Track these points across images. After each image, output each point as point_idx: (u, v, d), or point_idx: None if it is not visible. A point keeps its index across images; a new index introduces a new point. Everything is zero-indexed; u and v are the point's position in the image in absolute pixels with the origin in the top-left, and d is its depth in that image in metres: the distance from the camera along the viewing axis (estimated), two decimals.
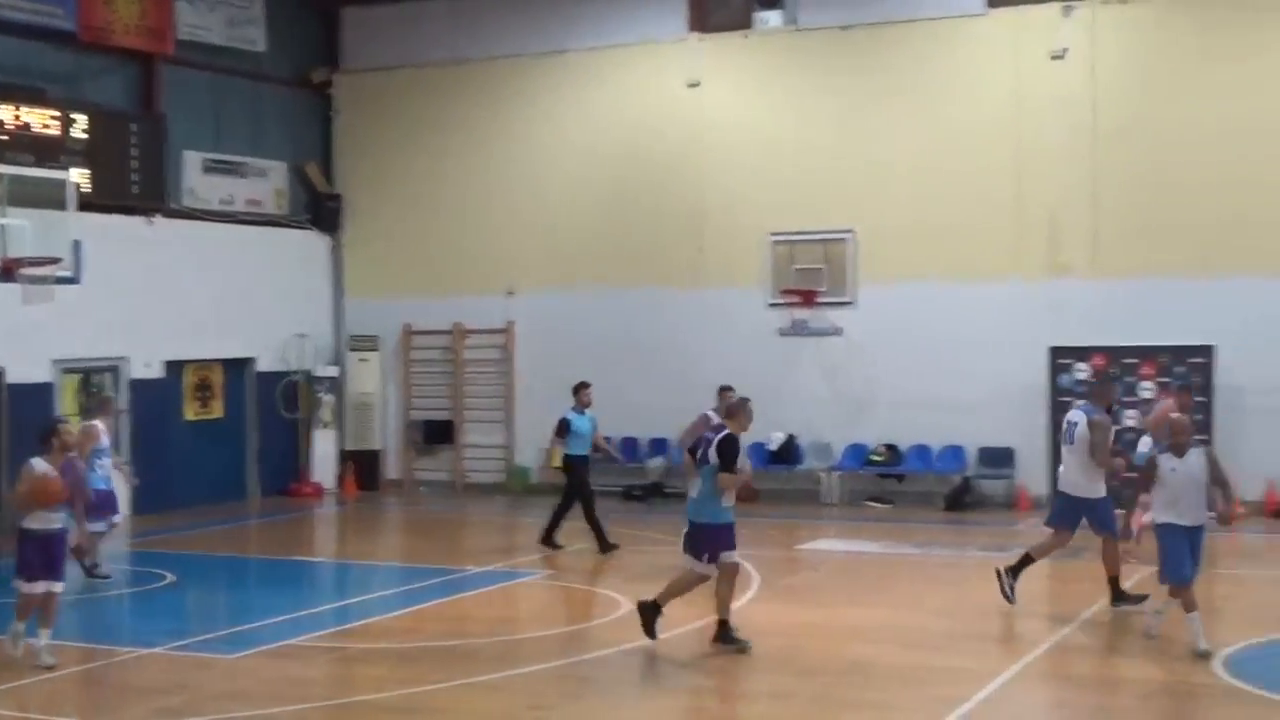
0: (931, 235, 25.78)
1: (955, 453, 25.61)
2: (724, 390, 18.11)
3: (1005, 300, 25.30)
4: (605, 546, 20.24)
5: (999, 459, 25.58)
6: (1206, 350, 24.05)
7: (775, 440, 26.35)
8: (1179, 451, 13.50)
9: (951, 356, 25.15)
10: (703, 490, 13.77)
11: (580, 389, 21.04)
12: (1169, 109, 24.66)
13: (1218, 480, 13.61)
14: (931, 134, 25.99)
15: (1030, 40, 25.36)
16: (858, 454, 26.06)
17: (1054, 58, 25.18)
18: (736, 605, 14.43)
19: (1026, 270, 25.27)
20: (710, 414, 17.15)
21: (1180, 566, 13.29)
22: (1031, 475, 25.10)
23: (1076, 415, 15.92)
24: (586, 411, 20.98)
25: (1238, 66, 24.35)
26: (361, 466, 29.42)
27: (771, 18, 27.19)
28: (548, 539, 20.65)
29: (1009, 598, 15.61)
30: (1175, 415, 14.21)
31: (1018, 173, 25.34)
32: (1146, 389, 24.36)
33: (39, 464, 13.47)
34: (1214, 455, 13.79)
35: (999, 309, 25.32)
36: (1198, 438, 14.29)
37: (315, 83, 30.27)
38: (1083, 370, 24.71)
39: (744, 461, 14.05)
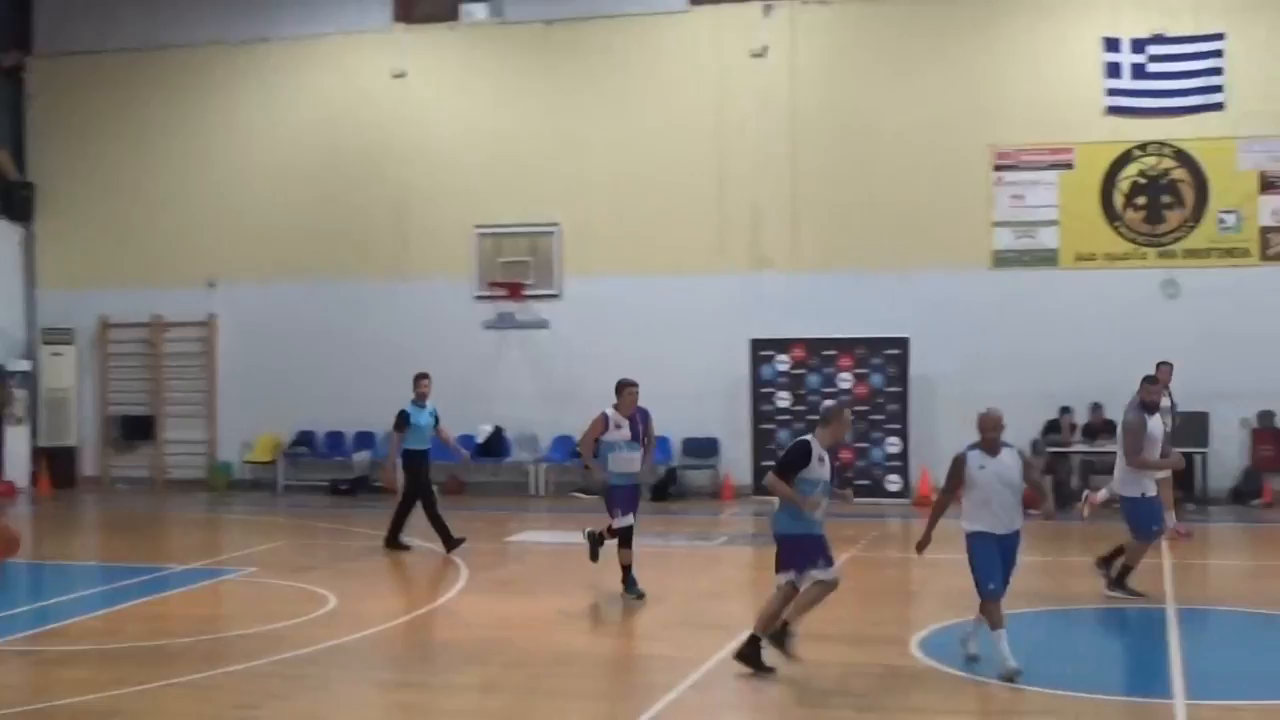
0: (636, 229, 26.11)
1: (660, 444, 25.91)
2: (626, 386, 15.72)
3: (708, 293, 25.76)
4: (450, 544, 19.21)
5: (703, 449, 26.03)
6: (901, 342, 24.83)
7: (483, 433, 26.37)
8: (990, 449, 12.29)
9: (656, 348, 25.50)
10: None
11: (419, 380, 19.83)
12: (865, 107, 25.45)
13: (1031, 482, 12.62)
14: (636, 129, 26.31)
15: (731, 38, 25.85)
16: (565, 446, 26.21)
17: (754, 56, 25.72)
18: (445, 598, 14.36)
19: (728, 264, 25.77)
20: (609, 413, 15.59)
21: (988, 579, 12.11)
22: (735, 465, 25.63)
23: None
24: (426, 404, 19.79)
25: (931, 67, 25.22)
26: (56, 463, 28.52)
27: (477, 10, 27.17)
28: (392, 541, 19.58)
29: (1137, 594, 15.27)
30: (986, 411, 12.44)
31: (720, 168, 25.82)
32: (845, 380, 25.06)
33: None
34: (1027, 457, 12.70)
35: (702, 301, 25.76)
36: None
37: (5, 67, 29.15)
38: (783, 362, 25.30)
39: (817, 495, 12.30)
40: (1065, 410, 24.25)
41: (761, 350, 25.49)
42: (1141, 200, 24.72)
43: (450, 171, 27.13)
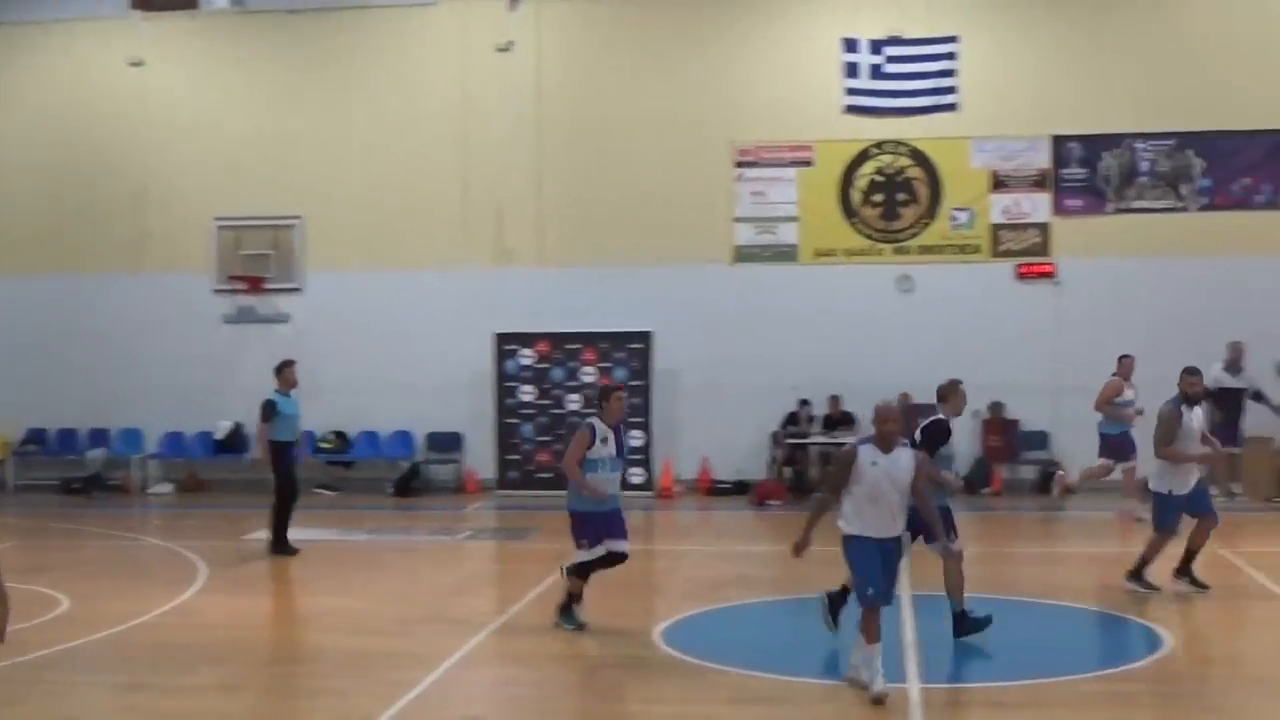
0: (380, 222, 25.90)
1: (404, 438, 25.80)
2: (613, 391, 13.80)
3: (452, 287, 25.66)
4: (281, 548, 18.51)
5: (447, 444, 25.93)
6: (645, 336, 25.05)
7: (221, 429, 25.88)
8: (885, 445, 11.22)
9: (400, 343, 25.34)
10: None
11: (284, 367, 19.10)
12: (610, 103, 25.61)
13: (925, 484, 11.53)
14: (381, 122, 26.09)
15: (477, 32, 25.77)
16: (306, 441, 25.83)
17: (500, 50, 25.68)
18: (183, 597, 14.06)
19: (473, 258, 25.71)
20: (596, 425, 13.54)
21: (869, 583, 11.18)
22: (479, 459, 25.59)
23: None
24: (292, 393, 19.03)
25: (674, 64, 25.49)
26: None
27: None
28: (276, 546, 18.64)
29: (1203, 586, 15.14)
30: (883, 403, 11.41)
31: (465, 162, 25.74)
32: (589, 374, 25.19)
33: None
34: (922, 460, 11.49)
35: (447, 296, 25.66)
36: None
37: None
38: (528, 356, 25.33)
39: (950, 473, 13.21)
40: (804, 403, 24.73)
41: (506, 344, 25.48)
42: (878, 198, 25.33)
43: (190, 162, 26.55)
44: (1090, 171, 24.83)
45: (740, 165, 25.44)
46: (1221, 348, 23.13)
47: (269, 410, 18.73)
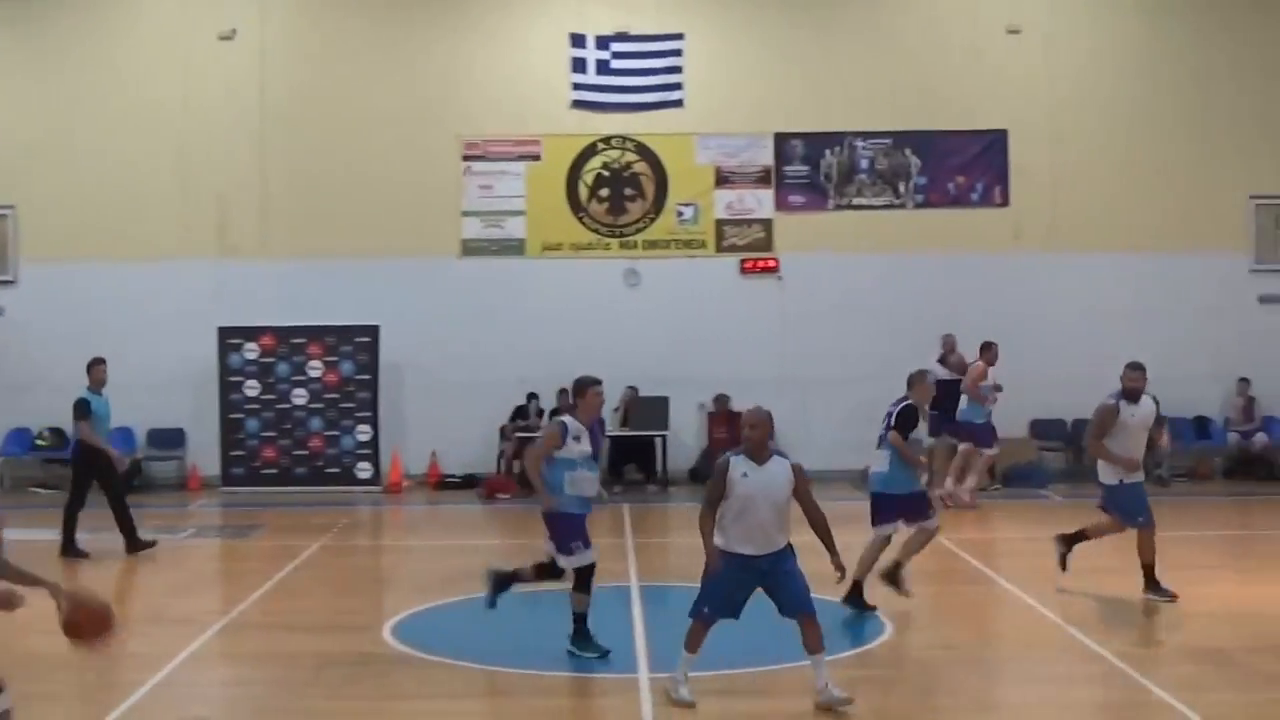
0: (98, 213, 25.16)
1: (124, 435, 25.08)
2: (588, 386, 12.44)
3: (174, 280, 25.08)
4: (69, 548, 17.57)
5: (169, 440, 25.35)
6: (372, 330, 24.82)
7: None
8: (757, 455, 10.68)
9: (120, 336, 24.56)
10: (892, 461, 13.93)
11: (94, 365, 18.15)
12: (337, 94, 25.34)
13: (807, 499, 10.90)
14: (98, 110, 25.36)
15: (199, 19, 25.24)
16: (22, 439, 25.03)
17: (223, 38, 25.17)
18: None
19: (195, 250, 25.17)
20: (568, 422, 12.25)
21: (704, 600, 10.79)
22: (203, 456, 25.04)
23: None
24: (103, 392, 18.18)
25: (402, 55, 25.34)
26: None
27: None
28: (132, 543, 17.72)
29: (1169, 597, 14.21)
30: (748, 412, 10.94)
31: (186, 153, 25.19)
32: (315, 368, 24.87)
33: None
34: (801, 473, 10.85)
35: (168, 289, 25.06)
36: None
37: None
38: (252, 350, 24.89)
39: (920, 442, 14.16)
40: (532, 396, 24.80)
41: (230, 339, 24.97)
42: (605, 192, 25.53)
43: None
44: (812, 169, 25.41)
45: (468, 158, 25.39)
46: (933, 341, 23.87)
47: (84, 409, 17.91)
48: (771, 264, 25.35)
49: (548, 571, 12.36)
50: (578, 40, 25.30)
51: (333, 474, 24.55)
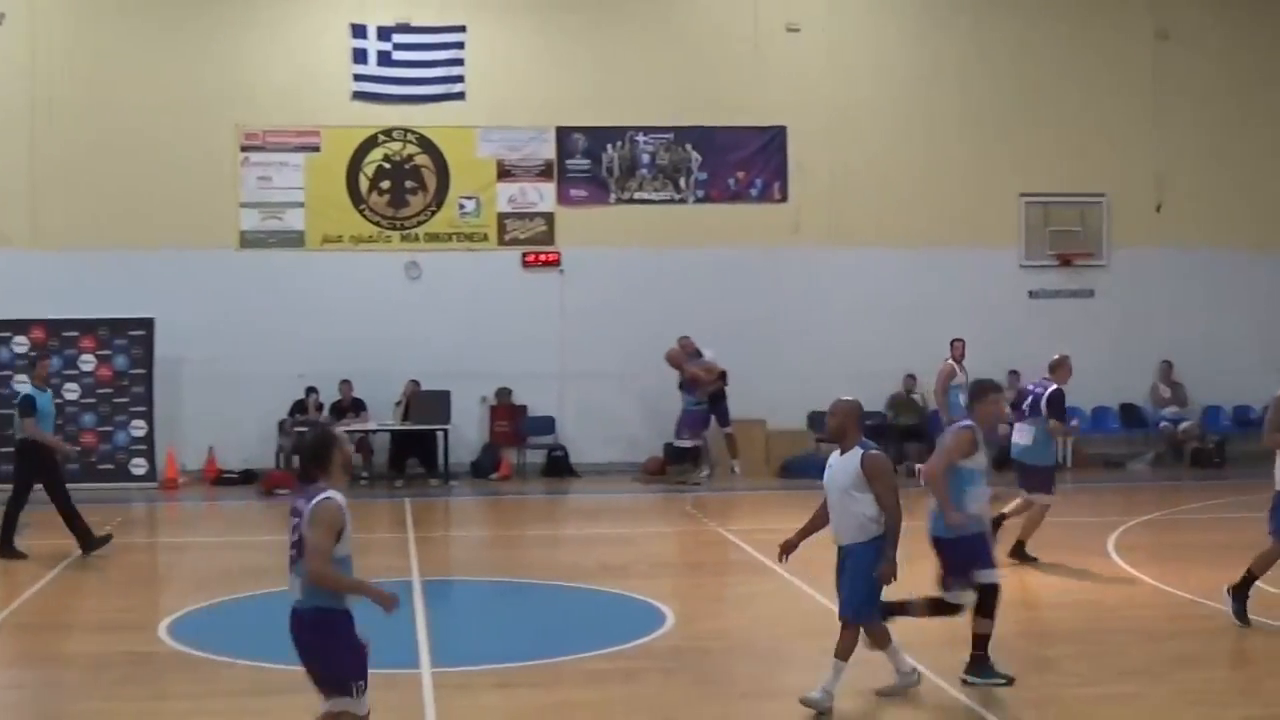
0: None
1: None
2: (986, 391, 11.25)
3: None
4: (6, 549, 16.81)
5: None
6: (146, 323, 24.29)
7: None
8: (839, 444, 10.49)
9: None
10: (1037, 437, 15.98)
11: (40, 360, 17.31)
12: (113, 82, 24.75)
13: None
14: None
15: None
16: None
17: None
18: None
19: None
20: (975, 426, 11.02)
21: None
22: None
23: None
24: (47, 388, 17.35)
25: (179, 43, 24.83)
26: None
27: None
28: (85, 543, 16.86)
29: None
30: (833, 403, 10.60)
31: None
32: (87, 362, 24.27)
33: None
34: (870, 461, 10.26)
35: None
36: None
37: None
38: (22, 343, 24.18)
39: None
40: (312, 390, 24.47)
41: None
42: (386, 185, 25.33)
43: None
44: (594, 163, 25.51)
45: (246, 149, 24.99)
46: (714, 334, 24.12)
47: (29, 406, 17.03)
48: (553, 258, 25.40)
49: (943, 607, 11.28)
50: (359, 31, 25.05)
51: (106, 471, 23.95)
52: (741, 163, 25.69)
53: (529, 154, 25.42)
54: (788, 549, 10.67)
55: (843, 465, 10.30)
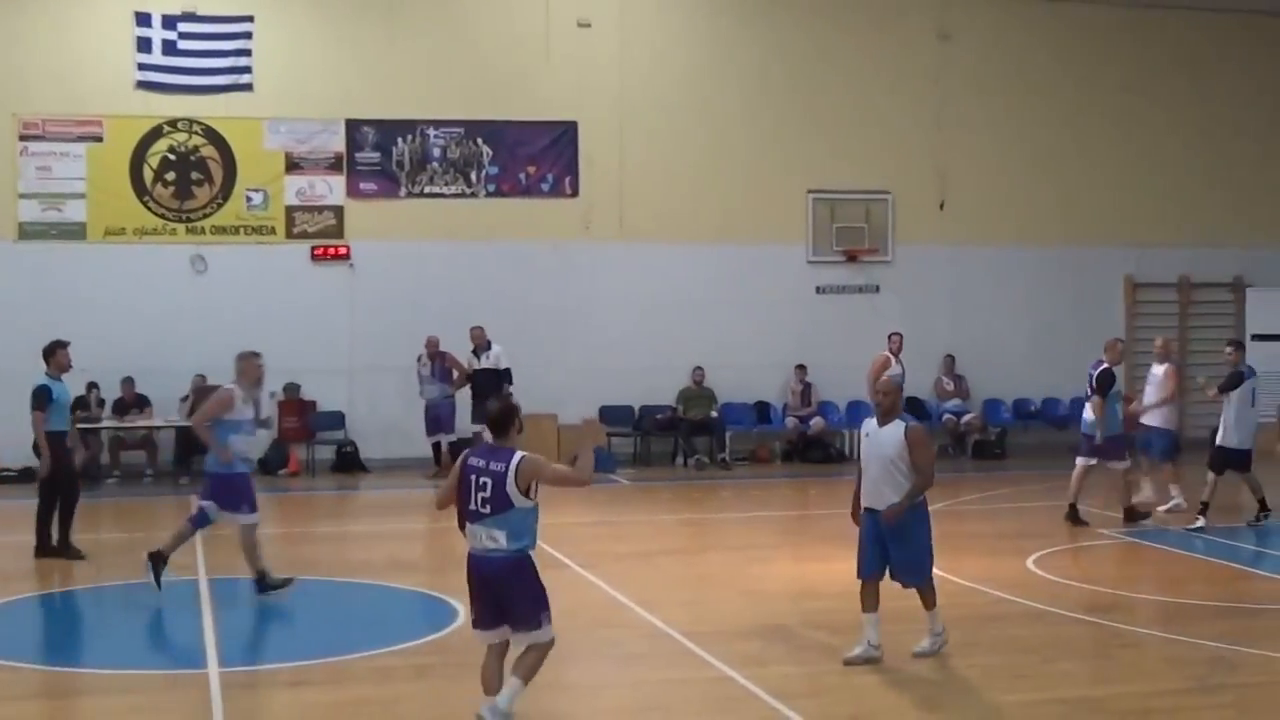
0: None
1: None
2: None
3: None
4: (62, 550, 16.11)
5: None
6: None
7: None
8: (882, 418, 11.70)
9: None
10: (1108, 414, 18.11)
11: (57, 348, 16.35)
12: None
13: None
14: None
15: None
16: None
17: None
18: None
19: None
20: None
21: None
22: None
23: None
24: (63, 377, 16.45)
25: None
26: None
27: None
28: (64, 548, 16.13)
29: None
30: (881, 380, 12.79)
31: None
32: None
33: None
34: (912, 432, 11.55)
35: None
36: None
37: None
38: None
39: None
40: (93, 386, 23.89)
41: None
42: (171, 176, 24.83)
43: None
44: (384, 156, 25.31)
45: (25, 138, 24.30)
46: (507, 328, 24.10)
47: (43, 397, 16.23)
48: (343, 251, 25.14)
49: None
50: (143, 19, 24.51)
51: None
52: (532, 157, 25.70)
53: (318, 146, 25.14)
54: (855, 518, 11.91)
55: (887, 436, 11.44)
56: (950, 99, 26.99)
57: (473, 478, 9.36)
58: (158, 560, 13.96)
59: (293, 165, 25.08)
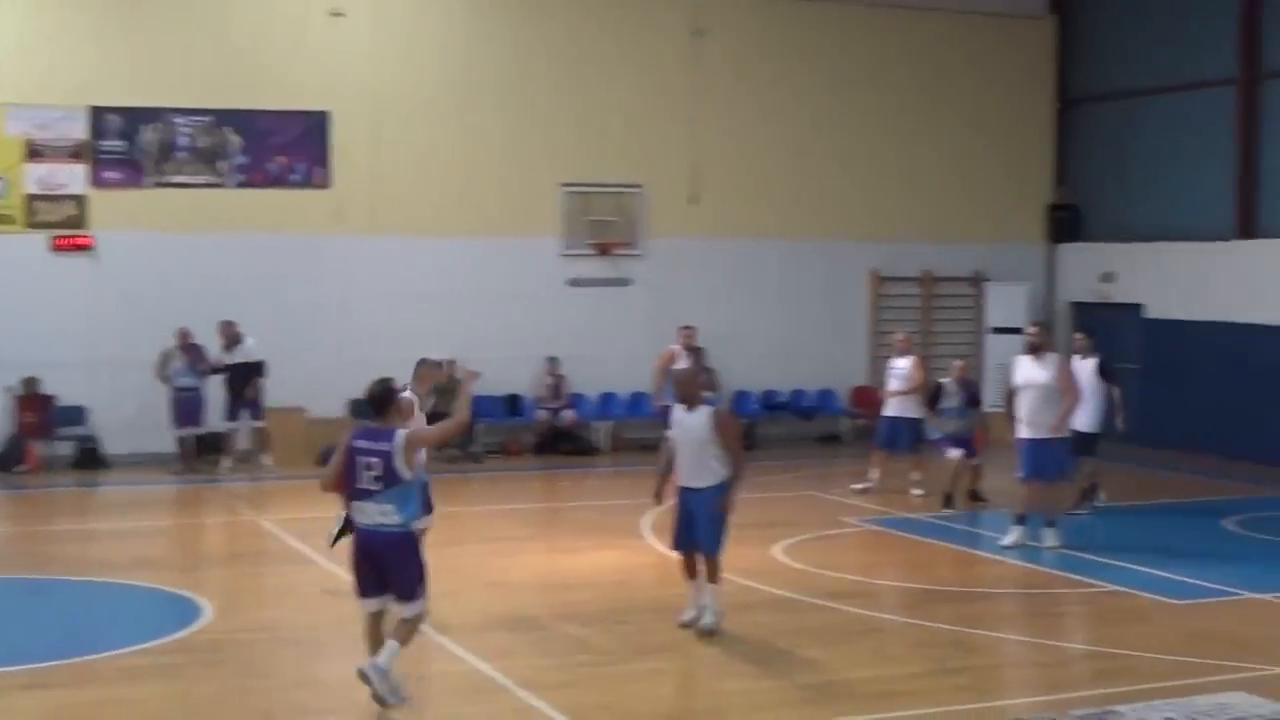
0: None
1: None
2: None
3: None
4: None
5: None
6: None
7: None
8: (689, 404, 12.66)
9: None
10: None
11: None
12: None
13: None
14: None
15: None
16: None
17: None
18: None
19: None
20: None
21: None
22: None
23: None
24: None
25: None
26: None
27: None
28: None
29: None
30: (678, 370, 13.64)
31: None
32: None
33: None
34: (718, 415, 12.69)
35: None
36: None
37: None
38: None
39: None
40: None
41: None
42: None
43: None
44: (129, 144, 24.68)
45: None
46: (257, 320, 23.75)
47: None
48: (86, 241, 24.46)
49: None
50: None
51: None
52: (283, 148, 25.28)
53: (60, 134, 24.40)
54: (659, 497, 12.93)
55: (695, 421, 12.35)
56: (703, 94, 27.29)
57: (359, 458, 10.12)
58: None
59: (33, 153, 24.29)
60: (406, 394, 13.34)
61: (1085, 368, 18.98)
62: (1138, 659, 12.03)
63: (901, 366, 20.74)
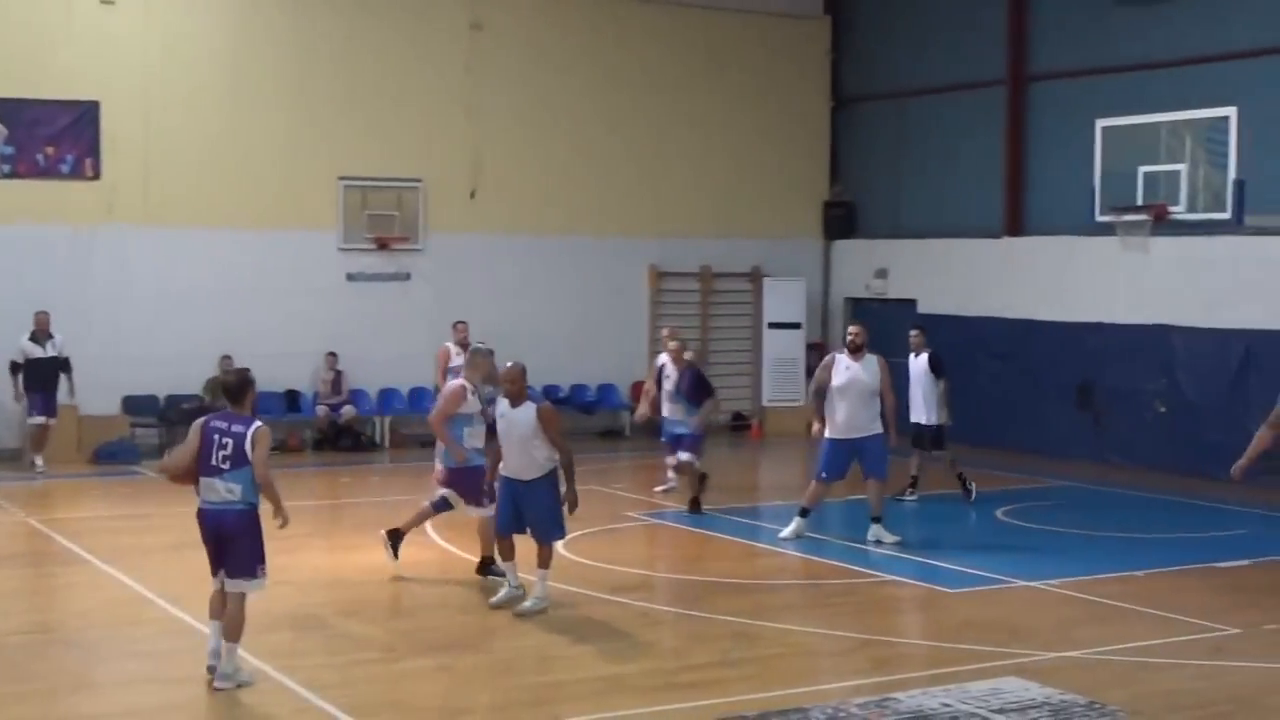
0: None
1: None
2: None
3: None
4: None
5: None
6: None
7: None
8: (514, 399, 13.11)
9: None
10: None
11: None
12: None
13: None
14: None
15: None
16: None
17: None
18: None
19: None
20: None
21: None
22: None
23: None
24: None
25: None
26: None
27: None
28: None
29: None
30: (507, 368, 13.27)
31: None
32: None
33: None
34: (543, 413, 13.05)
35: None
36: None
37: None
38: None
39: None
40: None
41: None
42: None
43: None
44: None
45: None
46: (24, 316, 23.09)
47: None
48: None
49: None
50: None
51: None
52: (51, 138, 24.56)
53: None
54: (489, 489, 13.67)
55: (520, 416, 12.80)
56: (482, 89, 27.21)
57: (215, 437, 10.64)
58: (395, 536, 14.68)
59: None
60: (459, 381, 14.52)
61: (919, 364, 19.56)
62: (915, 647, 12.35)
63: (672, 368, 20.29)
